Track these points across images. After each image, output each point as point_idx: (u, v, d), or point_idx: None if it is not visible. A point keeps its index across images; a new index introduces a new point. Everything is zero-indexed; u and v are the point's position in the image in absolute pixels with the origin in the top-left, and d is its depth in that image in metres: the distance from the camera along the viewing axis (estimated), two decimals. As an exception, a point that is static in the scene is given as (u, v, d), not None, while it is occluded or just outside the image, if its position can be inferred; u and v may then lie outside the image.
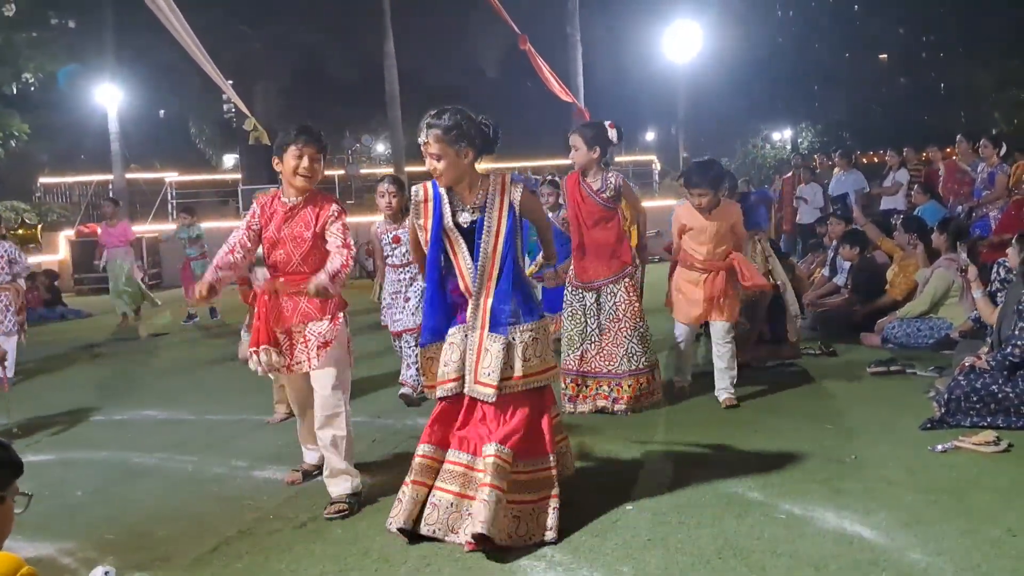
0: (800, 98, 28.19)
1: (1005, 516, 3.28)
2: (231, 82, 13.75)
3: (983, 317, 5.36)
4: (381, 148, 34.16)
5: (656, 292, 5.70)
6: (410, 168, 18.49)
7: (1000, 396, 4.35)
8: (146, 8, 7.34)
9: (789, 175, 13.48)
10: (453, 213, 3.40)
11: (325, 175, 4.32)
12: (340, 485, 3.73)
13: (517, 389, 3.31)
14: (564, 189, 5.41)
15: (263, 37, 20.85)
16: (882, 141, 19.31)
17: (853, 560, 2.97)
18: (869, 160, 22.79)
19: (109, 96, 18.89)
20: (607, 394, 5.03)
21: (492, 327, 3.32)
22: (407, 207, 3.98)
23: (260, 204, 3.83)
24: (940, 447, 4.06)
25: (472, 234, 3.37)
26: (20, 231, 15.02)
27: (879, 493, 3.58)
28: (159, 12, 7.23)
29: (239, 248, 3.79)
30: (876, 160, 21.67)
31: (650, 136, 34.71)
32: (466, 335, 3.38)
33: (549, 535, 3.23)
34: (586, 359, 5.06)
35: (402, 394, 5.49)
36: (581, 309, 5.10)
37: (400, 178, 6.36)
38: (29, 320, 8.37)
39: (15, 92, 18.61)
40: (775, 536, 3.20)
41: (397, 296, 5.50)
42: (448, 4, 22.25)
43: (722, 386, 5.18)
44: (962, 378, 4.49)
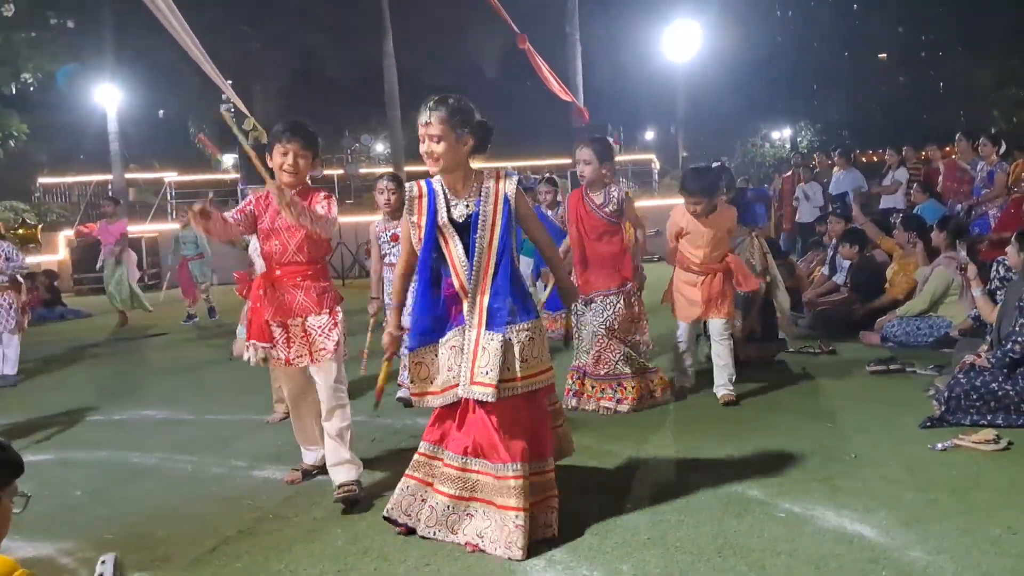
0: (799, 97, 28.25)
1: (1005, 514, 3.27)
2: (230, 82, 13.73)
3: (983, 315, 5.36)
4: (380, 148, 34.16)
5: (656, 292, 5.71)
6: (409, 167, 18.48)
7: (1000, 394, 4.34)
8: (145, 8, 7.32)
9: (789, 174, 13.47)
10: (448, 209, 3.35)
11: (325, 175, 4.33)
12: (347, 472, 3.79)
13: (517, 392, 3.25)
14: (567, 207, 5.43)
15: (262, 37, 20.87)
16: (881, 140, 19.32)
17: (853, 559, 2.97)
18: (868, 159, 22.84)
19: (108, 96, 18.90)
20: (611, 395, 5.06)
21: (489, 325, 3.25)
22: (407, 205, 3.98)
23: (255, 196, 3.90)
24: (940, 445, 4.06)
25: (467, 230, 3.32)
26: (20, 231, 15.02)
27: (879, 491, 3.57)
28: (158, 12, 7.21)
29: (230, 217, 3.83)
30: (875, 159, 21.71)
31: (649, 135, 34.75)
32: (464, 334, 3.31)
33: (548, 533, 3.23)
34: (600, 362, 5.09)
35: (400, 397, 5.47)
36: (589, 315, 5.15)
37: (399, 176, 6.34)
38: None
39: (14, 92, 18.62)
40: (775, 535, 3.20)
41: None
42: (448, 3, 22.25)
43: (720, 382, 5.20)
44: (962, 376, 4.49)
